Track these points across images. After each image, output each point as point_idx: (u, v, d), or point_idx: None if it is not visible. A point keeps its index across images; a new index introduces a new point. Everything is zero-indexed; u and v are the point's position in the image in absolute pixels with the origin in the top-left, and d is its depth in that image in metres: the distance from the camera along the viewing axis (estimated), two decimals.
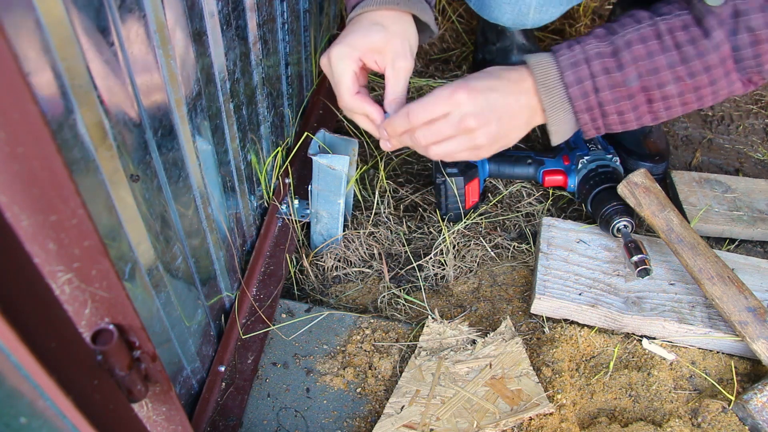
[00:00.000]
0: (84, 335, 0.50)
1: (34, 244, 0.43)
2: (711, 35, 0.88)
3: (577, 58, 0.91)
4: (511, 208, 1.36)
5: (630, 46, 0.90)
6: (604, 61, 0.91)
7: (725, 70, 0.90)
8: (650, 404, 1.04)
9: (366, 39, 0.94)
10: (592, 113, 0.94)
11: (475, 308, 1.19)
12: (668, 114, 0.95)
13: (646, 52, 0.90)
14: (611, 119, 0.94)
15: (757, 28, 0.86)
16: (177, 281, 0.85)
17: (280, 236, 1.24)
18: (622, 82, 0.91)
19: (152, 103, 0.71)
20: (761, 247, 1.30)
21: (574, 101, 0.92)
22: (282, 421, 1.02)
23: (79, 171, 0.58)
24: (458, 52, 1.73)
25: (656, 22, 0.90)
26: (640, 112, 0.94)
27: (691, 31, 0.89)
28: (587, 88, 0.91)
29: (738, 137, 1.54)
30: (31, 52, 0.48)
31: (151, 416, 0.65)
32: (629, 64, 0.90)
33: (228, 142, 0.98)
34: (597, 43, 0.91)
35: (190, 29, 0.77)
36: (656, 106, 0.93)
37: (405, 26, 0.97)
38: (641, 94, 0.92)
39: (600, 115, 0.94)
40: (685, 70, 0.90)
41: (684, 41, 0.89)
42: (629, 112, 0.94)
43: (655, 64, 0.90)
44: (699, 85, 0.91)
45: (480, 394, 1.03)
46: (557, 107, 0.93)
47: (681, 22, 0.90)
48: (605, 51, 0.91)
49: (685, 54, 0.89)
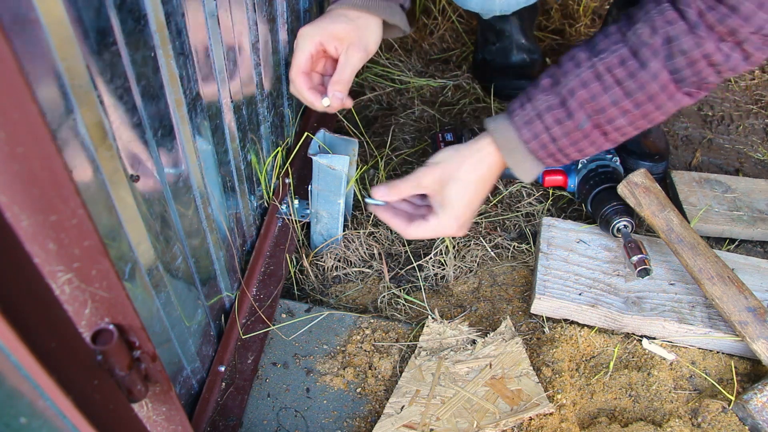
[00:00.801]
0: (84, 335, 0.50)
1: (34, 244, 0.43)
2: (648, 66, 0.93)
3: (530, 116, 1.00)
4: (511, 208, 1.36)
5: (574, 94, 0.97)
6: (554, 113, 0.99)
7: (668, 94, 0.96)
8: (650, 404, 1.04)
9: (330, 26, 1.07)
10: (554, 157, 1.03)
11: (475, 308, 1.19)
12: (625, 138, 1.02)
13: (589, 96, 0.97)
14: (573, 155, 1.03)
15: (689, 50, 0.91)
16: (177, 281, 0.85)
17: (280, 236, 1.24)
18: (575, 128, 0.99)
19: (153, 103, 0.71)
20: (761, 247, 1.30)
21: (535, 153, 1.02)
22: (282, 421, 1.02)
23: (79, 171, 0.57)
24: (458, 52, 1.73)
25: (594, 63, 0.96)
26: (598, 144, 1.02)
27: (628, 65, 0.95)
28: (545, 140, 1.00)
29: (738, 137, 1.54)
30: (32, 52, 0.48)
31: (151, 416, 0.65)
32: (577, 111, 0.97)
33: (228, 142, 0.98)
34: (545, 96, 0.99)
35: (190, 29, 0.77)
36: (611, 136, 1.01)
37: (369, 24, 1.10)
38: (595, 131, 1.00)
39: (562, 156, 1.03)
40: (630, 103, 0.96)
41: (623, 77, 0.95)
42: (588, 147, 1.02)
43: (601, 104, 0.97)
44: (646, 112, 0.98)
45: (480, 394, 1.03)
46: (520, 161, 1.04)
47: (618, 58, 0.95)
48: (554, 103, 0.99)
49: (627, 89, 0.95)
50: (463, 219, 1.09)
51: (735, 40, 0.89)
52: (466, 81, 1.64)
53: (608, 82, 0.96)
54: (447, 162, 1.07)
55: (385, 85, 1.63)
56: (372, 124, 1.55)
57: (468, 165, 1.06)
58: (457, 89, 1.63)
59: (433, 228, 1.09)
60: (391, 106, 1.60)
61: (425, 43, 1.75)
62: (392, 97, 1.60)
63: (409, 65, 1.68)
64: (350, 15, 1.09)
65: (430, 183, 1.08)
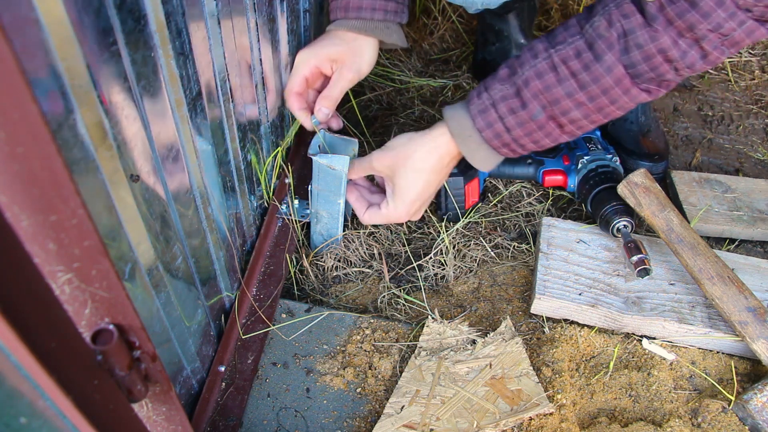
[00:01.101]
0: (84, 335, 0.50)
1: (34, 244, 0.43)
2: (602, 59, 0.93)
3: (485, 104, 1.01)
4: (511, 208, 1.36)
5: (528, 84, 0.98)
6: (509, 103, 1.00)
7: (623, 89, 0.96)
8: (650, 404, 1.04)
9: (325, 49, 1.15)
10: (509, 146, 1.04)
11: (475, 308, 1.19)
12: (582, 131, 1.03)
13: (543, 87, 0.97)
14: (529, 146, 1.05)
15: (644, 44, 0.91)
16: (177, 281, 0.85)
17: (280, 236, 1.24)
18: (529, 118, 0.99)
19: (153, 103, 0.71)
20: (761, 247, 1.30)
21: (490, 142, 1.04)
22: (282, 421, 1.02)
23: (79, 171, 0.58)
24: (458, 52, 1.73)
25: (551, 55, 0.97)
26: (554, 136, 1.02)
27: (583, 57, 0.95)
28: (498, 129, 1.02)
29: (738, 137, 1.54)
30: (31, 51, 0.48)
31: (151, 416, 0.65)
32: (531, 101, 0.98)
33: (228, 142, 0.98)
34: (501, 86, 1.01)
35: (190, 29, 0.77)
36: (567, 128, 1.01)
37: (363, 46, 1.16)
38: (550, 122, 1.00)
39: (517, 146, 1.04)
40: (585, 95, 0.96)
41: (578, 69, 0.95)
42: (544, 138, 1.03)
43: (555, 96, 0.97)
44: (601, 105, 0.98)
45: (480, 394, 1.03)
46: (474, 149, 1.06)
47: (574, 50, 0.96)
48: (509, 93, 1.00)
49: (581, 81, 0.96)
50: (414, 207, 1.13)
51: (693, 36, 0.89)
52: (466, 81, 1.64)
53: (563, 73, 0.96)
54: (400, 149, 1.09)
55: (385, 85, 1.63)
56: (372, 124, 1.55)
57: (420, 153, 1.08)
58: (457, 89, 1.63)
59: (385, 215, 1.14)
60: (391, 106, 1.60)
61: (425, 43, 1.75)
62: (392, 97, 1.60)
63: (409, 65, 1.69)
64: (346, 38, 1.15)
65: (383, 168, 1.11)
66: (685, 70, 0.93)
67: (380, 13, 1.15)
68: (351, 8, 1.14)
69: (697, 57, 0.91)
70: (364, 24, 1.15)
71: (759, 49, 1.71)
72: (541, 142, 1.03)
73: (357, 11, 1.14)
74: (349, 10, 1.15)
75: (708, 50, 0.90)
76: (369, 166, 1.13)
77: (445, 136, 1.06)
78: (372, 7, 1.14)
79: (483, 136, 1.03)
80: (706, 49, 0.90)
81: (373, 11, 1.14)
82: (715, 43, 0.89)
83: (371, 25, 1.15)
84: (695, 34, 0.88)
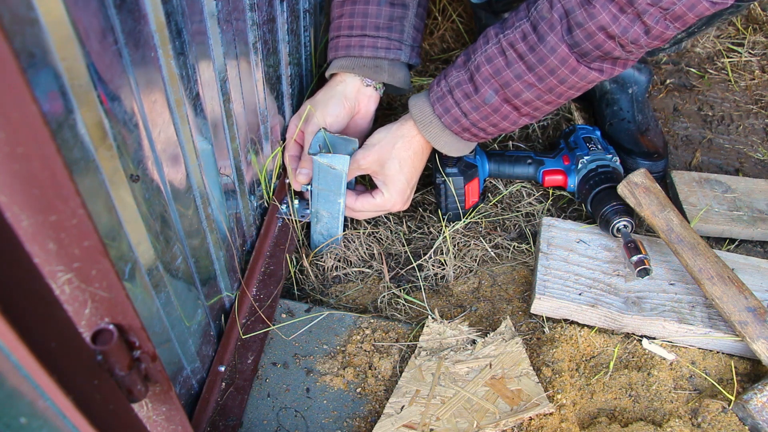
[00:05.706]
0: (84, 335, 0.50)
1: (34, 244, 0.43)
2: (545, 40, 0.96)
3: (442, 91, 1.06)
4: (511, 208, 1.36)
5: (479, 69, 1.02)
6: (463, 88, 1.04)
7: (570, 68, 0.97)
8: (650, 404, 1.04)
9: (326, 109, 1.19)
10: (470, 131, 1.08)
11: (475, 308, 1.19)
12: (541, 113, 1.06)
13: (493, 71, 1.01)
14: (489, 130, 1.08)
15: (584, 22, 0.92)
16: (177, 281, 0.85)
17: (280, 236, 1.24)
18: (482, 102, 1.03)
19: (152, 103, 0.71)
20: (761, 247, 1.30)
21: (450, 127, 1.08)
22: (282, 421, 1.02)
23: (79, 171, 0.58)
24: (458, 52, 1.73)
25: (500, 40, 1.00)
26: (512, 118, 1.06)
27: (529, 39, 0.98)
28: (455, 114, 1.06)
29: (738, 137, 1.54)
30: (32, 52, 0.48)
31: (151, 416, 0.65)
32: (483, 85, 1.02)
33: (228, 142, 0.98)
34: (456, 73, 1.05)
35: (190, 29, 0.77)
36: (523, 110, 1.04)
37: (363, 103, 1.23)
38: (505, 105, 1.03)
39: (478, 130, 1.08)
40: (534, 77, 0.99)
41: (524, 51, 0.98)
42: (502, 121, 1.06)
43: (505, 79, 1.01)
44: (550, 86, 1.00)
45: (480, 394, 1.03)
46: (437, 135, 1.10)
47: (521, 33, 0.98)
48: (463, 79, 1.04)
49: (528, 63, 0.98)
50: (406, 194, 1.18)
51: (634, 11, 0.90)
52: None
53: (511, 56, 0.99)
54: (383, 142, 1.15)
55: None
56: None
57: (401, 143, 1.14)
58: None
59: (380, 204, 1.18)
60: (391, 106, 1.60)
61: (425, 43, 1.75)
62: (392, 97, 1.60)
63: None
64: (349, 94, 1.20)
65: (370, 164, 1.15)
66: (630, 45, 0.94)
67: (369, 50, 1.19)
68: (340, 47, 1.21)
69: (640, 32, 0.91)
70: (371, 72, 1.20)
71: (759, 49, 1.71)
72: (500, 125, 1.07)
73: (346, 49, 1.20)
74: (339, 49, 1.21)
75: (650, 24, 0.90)
76: (356, 166, 1.16)
77: (412, 122, 1.12)
78: (360, 45, 1.19)
79: (443, 121, 1.08)
80: (648, 23, 0.90)
81: (362, 48, 1.19)
82: (656, 17, 0.90)
83: (377, 72, 1.20)
84: (636, 9, 0.89)
